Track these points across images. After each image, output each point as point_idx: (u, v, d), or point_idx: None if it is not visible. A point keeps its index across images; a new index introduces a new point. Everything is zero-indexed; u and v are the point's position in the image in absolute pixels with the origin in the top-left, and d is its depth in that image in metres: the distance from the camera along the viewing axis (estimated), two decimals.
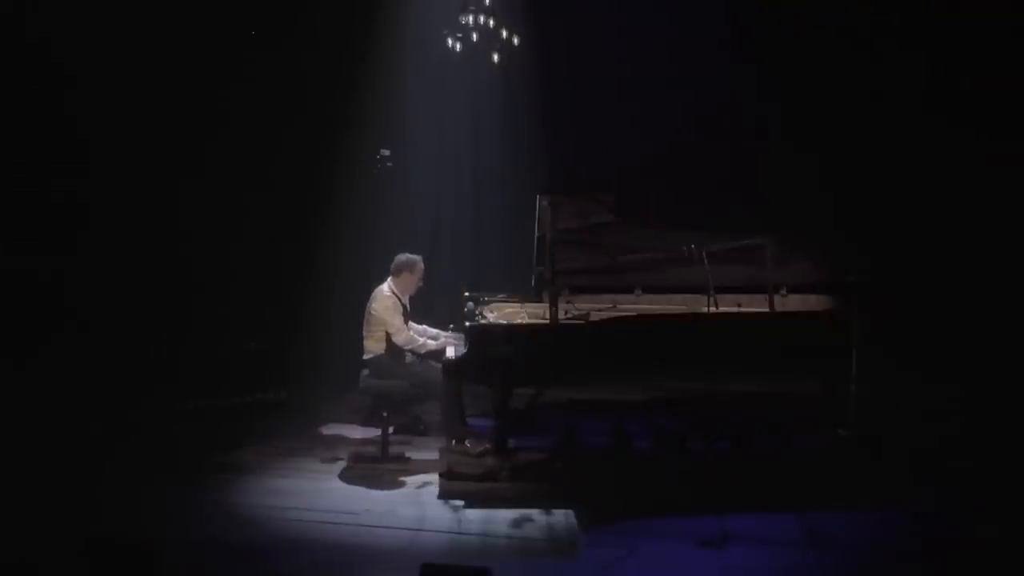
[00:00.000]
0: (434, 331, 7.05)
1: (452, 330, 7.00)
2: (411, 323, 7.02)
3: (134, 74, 7.95)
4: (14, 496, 5.74)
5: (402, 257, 6.97)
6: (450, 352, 6.65)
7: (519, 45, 8.28)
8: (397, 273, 6.93)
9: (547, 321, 6.25)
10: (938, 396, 7.69)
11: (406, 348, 6.83)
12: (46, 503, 5.69)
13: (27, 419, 6.85)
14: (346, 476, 6.48)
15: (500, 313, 6.94)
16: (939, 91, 8.44)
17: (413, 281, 6.96)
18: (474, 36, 8.17)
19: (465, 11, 8.10)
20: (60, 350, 7.58)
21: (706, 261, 6.52)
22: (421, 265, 6.98)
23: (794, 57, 8.64)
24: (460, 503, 5.91)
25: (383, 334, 6.83)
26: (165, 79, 8.06)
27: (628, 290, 7.02)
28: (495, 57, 8.25)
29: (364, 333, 6.90)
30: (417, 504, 5.97)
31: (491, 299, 7.03)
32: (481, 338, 6.29)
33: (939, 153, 8.42)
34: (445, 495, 6.06)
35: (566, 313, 6.48)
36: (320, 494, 6.11)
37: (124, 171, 8.03)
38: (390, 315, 6.82)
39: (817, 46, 8.59)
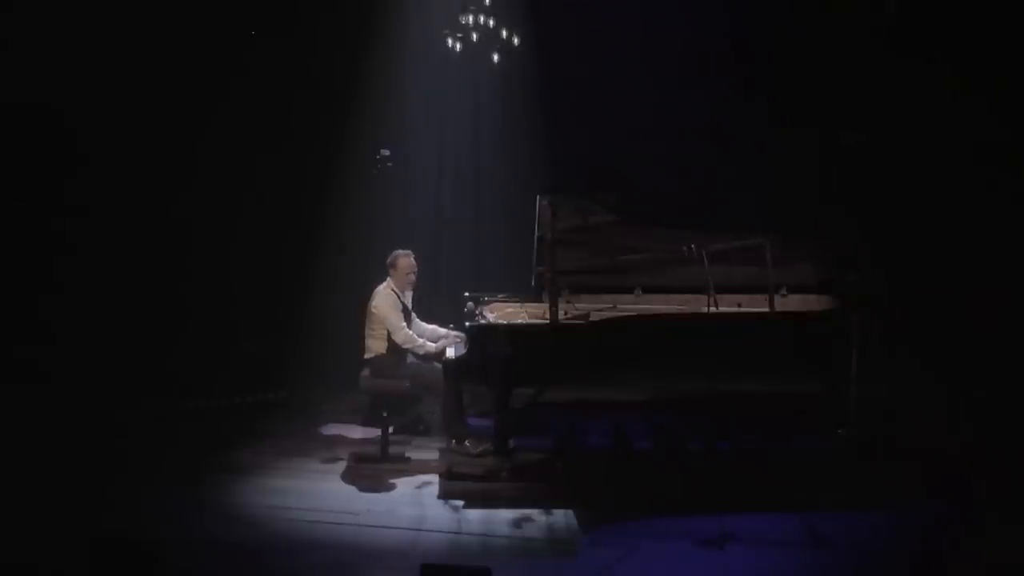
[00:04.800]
0: (443, 331, 7.04)
1: (452, 329, 7.00)
2: (417, 321, 7.03)
3: (133, 73, 7.94)
4: (15, 496, 5.73)
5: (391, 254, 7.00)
6: (450, 352, 6.65)
7: (519, 45, 8.27)
8: (389, 270, 6.97)
9: (547, 321, 6.25)
10: (937, 396, 7.67)
11: (404, 347, 6.83)
12: (47, 503, 5.69)
13: (28, 419, 6.85)
14: (346, 476, 6.48)
15: (500, 313, 6.93)
16: (940, 90, 8.42)
17: (401, 276, 6.96)
18: (474, 36, 8.16)
19: (465, 11, 8.09)
20: (61, 350, 7.58)
21: (706, 261, 6.52)
22: (405, 260, 6.96)
23: (796, 56, 8.62)
24: (460, 503, 5.91)
25: (384, 332, 6.84)
26: (165, 78, 8.05)
27: (628, 290, 7.01)
28: (495, 57, 8.24)
29: (366, 332, 6.91)
30: (417, 504, 5.97)
31: (491, 299, 7.03)
32: (481, 338, 6.30)
33: (940, 153, 8.40)
34: (445, 495, 6.06)
35: (566, 313, 6.48)
36: (320, 494, 6.11)
37: (123, 170, 8.02)
38: (388, 312, 6.83)
39: (818, 45, 8.57)
